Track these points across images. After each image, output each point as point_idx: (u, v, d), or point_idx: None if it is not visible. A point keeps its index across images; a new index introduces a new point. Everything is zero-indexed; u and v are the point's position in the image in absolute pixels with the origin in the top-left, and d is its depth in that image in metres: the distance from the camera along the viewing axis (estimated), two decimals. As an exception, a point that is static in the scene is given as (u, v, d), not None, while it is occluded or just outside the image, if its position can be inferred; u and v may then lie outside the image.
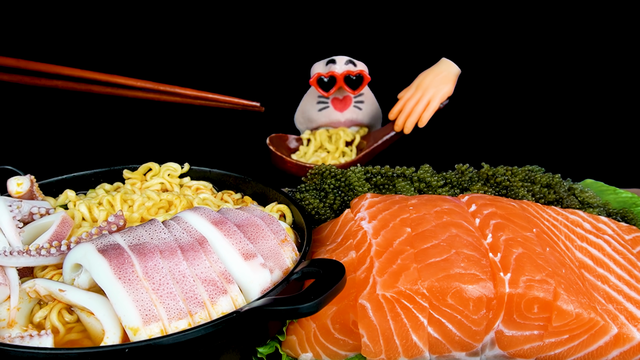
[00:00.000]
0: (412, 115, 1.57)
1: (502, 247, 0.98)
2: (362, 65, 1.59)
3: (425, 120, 1.57)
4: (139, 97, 1.66)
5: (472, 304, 0.90)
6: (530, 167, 1.41)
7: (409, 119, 1.57)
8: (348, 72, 1.56)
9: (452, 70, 1.57)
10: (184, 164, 1.27)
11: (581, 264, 1.04)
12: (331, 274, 0.83)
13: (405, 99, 1.59)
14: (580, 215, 1.16)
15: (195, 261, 0.86)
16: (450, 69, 1.57)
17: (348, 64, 1.56)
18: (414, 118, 1.57)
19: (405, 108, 1.58)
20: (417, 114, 1.57)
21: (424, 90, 1.56)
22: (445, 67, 1.57)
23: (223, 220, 0.94)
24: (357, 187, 1.29)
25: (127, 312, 0.79)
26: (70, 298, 0.84)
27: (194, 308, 0.82)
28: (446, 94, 1.57)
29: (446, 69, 1.57)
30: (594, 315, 0.90)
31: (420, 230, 1.01)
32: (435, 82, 1.56)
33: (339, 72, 1.56)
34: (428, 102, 1.56)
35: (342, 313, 0.93)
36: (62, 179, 1.22)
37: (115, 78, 1.65)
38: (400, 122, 1.58)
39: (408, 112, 1.57)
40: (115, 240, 0.86)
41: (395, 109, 1.60)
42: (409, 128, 1.58)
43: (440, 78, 1.57)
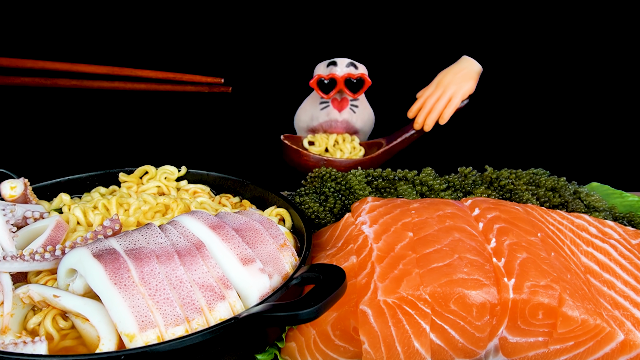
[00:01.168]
0: (432, 112, 1.56)
1: (506, 251, 0.98)
2: (363, 68, 1.59)
3: (447, 118, 1.56)
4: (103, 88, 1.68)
5: (475, 310, 0.90)
6: (534, 170, 1.41)
7: (429, 116, 1.56)
8: (349, 75, 1.56)
9: (474, 68, 1.57)
10: (181, 166, 1.27)
11: (587, 269, 1.04)
12: (331, 279, 0.83)
13: (425, 96, 1.58)
14: (585, 219, 1.17)
15: (193, 266, 0.86)
16: (471, 66, 1.57)
17: (349, 66, 1.57)
18: (435, 115, 1.56)
19: (425, 105, 1.57)
20: (438, 111, 1.56)
21: (445, 87, 1.56)
22: (467, 64, 1.57)
23: (221, 225, 0.94)
24: (357, 190, 1.29)
25: (122, 318, 0.79)
26: (64, 304, 0.84)
27: (191, 314, 0.82)
28: (467, 92, 1.57)
29: (468, 67, 1.57)
30: (600, 322, 0.90)
31: (423, 235, 1.01)
32: (456, 80, 1.56)
33: (339, 75, 1.56)
34: (449, 99, 1.56)
35: (342, 319, 0.93)
36: (56, 182, 1.22)
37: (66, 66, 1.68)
38: (420, 119, 1.58)
39: (428, 110, 1.57)
40: (110, 245, 0.87)
41: (414, 107, 1.60)
42: (429, 125, 1.57)
43: (462, 75, 1.56)
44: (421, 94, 1.60)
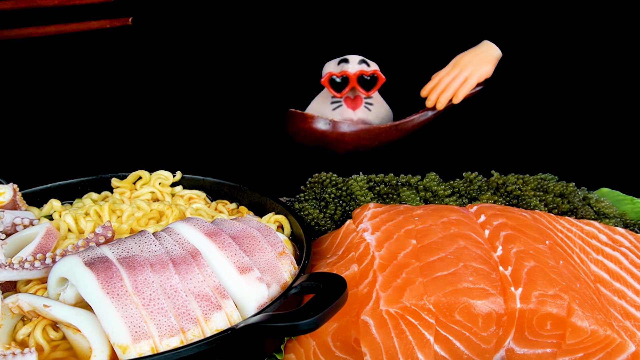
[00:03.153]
0: (446, 90, 1.57)
1: (513, 260, 0.98)
2: (375, 65, 1.59)
3: (461, 97, 1.57)
4: (20, 37, 1.71)
5: (481, 321, 0.90)
6: (542, 175, 1.41)
7: (443, 94, 1.57)
8: (361, 72, 1.56)
9: (493, 52, 1.58)
10: (175, 172, 1.27)
11: (597, 277, 1.04)
12: (332, 288, 0.83)
13: (440, 76, 1.59)
14: (595, 226, 1.17)
15: (188, 275, 0.87)
16: (491, 50, 1.58)
17: (361, 63, 1.57)
18: (449, 93, 1.56)
19: (439, 84, 1.58)
20: (453, 89, 1.56)
21: (462, 67, 1.57)
22: (487, 47, 1.58)
23: (217, 232, 0.94)
24: (359, 196, 1.29)
25: (115, 329, 0.79)
26: (55, 314, 0.84)
27: (187, 324, 0.82)
28: (485, 75, 1.57)
29: (487, 50, 1.58)
30: (611, 332, 0.90)
31: (426, 242, 1.01)
32: (474, 61, 1.57)
33: (351, 72, 1.56)
34: (465, 79, 1.56)
35: (343, 330, 0.93)
36: (46, 188, 1.22)
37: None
38: (433, 97, 1.58)
39: (443, 88, 1.57)
40: (103, 253, 0.87)
41: (428, 85, 1.60)
42: (442, 104, 1.57)
43: (481, 58, 1.57)
44: (437, 74, 1.60)
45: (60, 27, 1.72)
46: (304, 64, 1.67)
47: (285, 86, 1.73)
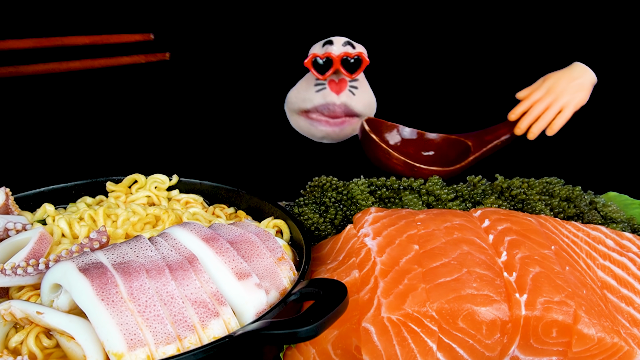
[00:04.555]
0: (541, 120, 1.51)
1: (518, 265, 0.98)
2: (361, 47, 1.58)
3: (556, 129, 1.51)
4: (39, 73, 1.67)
5: (485, 328, 0.90)
6: (548, 179, 1.41)
7: (536, 123, 1.51)
8: (345, 54, 1.55)
9: (589, 78, 1.52)
10: (172, 175, 1.28)
11: (604, 284, 1.04)
12: (332, 295, 0.84)
13: (532, 100, 1.53)
14: (602, 231, 1.17)
15: (185, 281, 0.87)
16: (587, 75, 1.51)
17: (346, 45, 1.56)
18: (543, 124, 1.51)
19: (532, 111, 1.52)
20: (547, 119, 1.51)
21: (558, 95, 1.50)
22: (581, 72, 1.52)
23: (215, 237, 0.94)
24: (360, 200, 1.30)
25: (110, 337, 0.79)
26: (48, 321, 0.84)
27: (183, 332, 0.83)
28: (580, 104, 1.51)
29: (582, 75, 1.51)
30: (618, 340, 0.90)
31: (429, 248, 1.01)
32: (570, 89, 1.51)
33: (335, 54, 1.55)
34: (560, 109, 1.51)
35: (344, 337, 0.93)
36: (39, 192, 1.22)
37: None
38: (523, 125, 1.52)
39: (536, 116, 1.51)
40: (97, 259, 0.87)
41: (518, 109, 1.54)
42: (534, 134, 1.52)
43: (577, 84, 1.51)
44: (526, 96, 1.54)
45: (86, 63, 1.68)
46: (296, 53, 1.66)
47: (284, 86, 1.73)
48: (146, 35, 1.68)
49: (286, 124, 1.70)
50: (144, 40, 1.69)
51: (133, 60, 1.69)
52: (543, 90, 1.52)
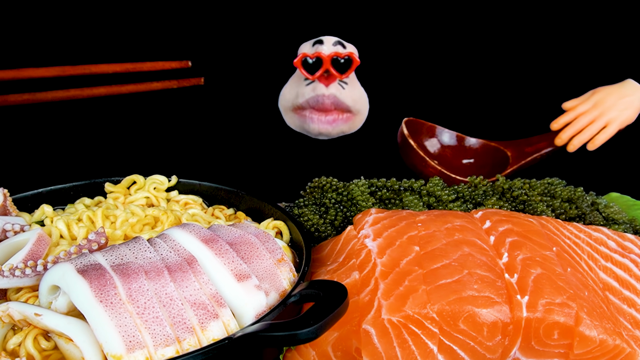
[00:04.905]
0: (583, 133, 1.49)
1: (519, 267, 0.98)
2: (352, 47, 1.58)
3: (598, 144, 1.50)
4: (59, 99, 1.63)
5: (486, 330, 0.90)
6: (549, 179, 1.41)
7: (578, 136, 1.50)
8: (336, 54, 1.55)
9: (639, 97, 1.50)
10: (171, 176, 1.28)
11: (605, 285, 1.04)
12: (332, 296, 0.84)
13: (578, 112, 1.51)
14: (604, 232, 1.17)
15: (184, 283, 0.87)
16: (637, 94, 1.50)
17: (336, 45, 1.56)
18: (586, 137, 1.49)
19: (576, 123, 1.50)
20: (591, 133, 1.49)
21: (605, 109, 1.49)
22: (633, 90, 1.50)
23: (214, 238, 0.94)
24: (360, 201, 1.30)
25: (109, 339, 0.79)
26: (47, 323, 0.84)
27: (183, 334, 0.83)
28: (627, 122, 1.50)
29: (633, 93, 1.50)
30: (620, 342, 0.90)
31: (430, 249, 1.01)
32: (619, 105, 1.49)
33: (325, 54, 1.55)
34: (605, 124, 1.49)
35: (344, 339, 0.93)
36: (38, 193, 1.22)
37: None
38: (565, 136, 1.51)
39: (579, 129, 1.50)
40: (96, 260, 0.87)
41: (562, 119, 1.52)
42: (575, 146, 1.51)
43: (626, 102, 1.49)
44: (572, 107, 1.53)
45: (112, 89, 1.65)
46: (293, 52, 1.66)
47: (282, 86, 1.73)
48: (184, 63, 1.64)
49: (286, 125, 1.70)
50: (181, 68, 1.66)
51: (165, 85, 1.66)
52: (590, 103, 1.51)
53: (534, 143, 1.58)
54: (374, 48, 1.65)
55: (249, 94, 1.74)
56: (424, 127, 1.61)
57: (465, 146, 1.63)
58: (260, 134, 1.72)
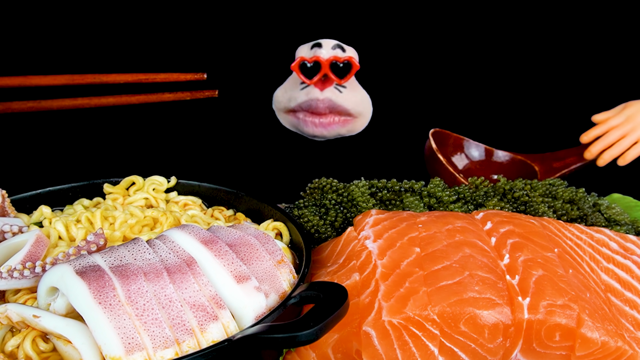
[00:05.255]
0: (615, 147, 1.48)
1: (521, 268, 0.98)
2: (352, 51, 1.55)
3: (629, 160, 1.48)
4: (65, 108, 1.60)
5: (487, 332, 0.90)
6: (551, 180, 1.41)
7: (609, 150, 1.49)
8: (335, 58, 1.52)
9: None
10: (170, 177, 1.28)
11: (607, 287, 1.04)
12: (332, 298, 0.84)
13: (609, 125, 1.49)
14: (606, 233, 1.17)
15: (183, 284, 0.87)
16: None
17: (336, 48, 1.53)
18: (617, 151, 1.48)
19: (607, 137, 1.49)
20: (622, 148, 1.47)
21: (637, 124, 1.47)
22: None
23: (213, 240, 0.94)
24: (360, 202, 1.30)
25: (108, 340, 0.79)
26: (45, 325, 0.84)
27: (182, 336, 0.83)
28: None
29: None
30: (622, 344, 0.90)
31: (431, 251, 1.01)
32: None
33: (324, 58, 1.52)
34: (637, 140, 1.48)
35: (344, 341, 0.93)
36: (36, 194, 1.22)
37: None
38: (595, 150, 1.49)
39: (610, 143, 1.48)
40: (95, 262, 0.87)
41: (592, 132, 1.51)
42: (605, 160, 1.49)
43: None
44: (602, 120, 1.52)
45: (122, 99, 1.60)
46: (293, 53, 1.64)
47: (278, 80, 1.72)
48: (199, 75, 1.60)
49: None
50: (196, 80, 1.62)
51: (177, 97, 1.62)
52: (622, 117, 1.49)
53: (562, 157, 1.57)
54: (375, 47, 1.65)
55: (248, 95, 1.74)
56: (450, 138, 1.58)
57: (493, 161, 1.61)
58: (259, 134, 1.72)
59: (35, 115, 1.77)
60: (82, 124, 1.81)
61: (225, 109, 1.76)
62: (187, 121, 1.80)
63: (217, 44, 1.72)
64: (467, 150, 1.62)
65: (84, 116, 1.80)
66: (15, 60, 1.70)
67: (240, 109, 1.76)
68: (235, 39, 1.72)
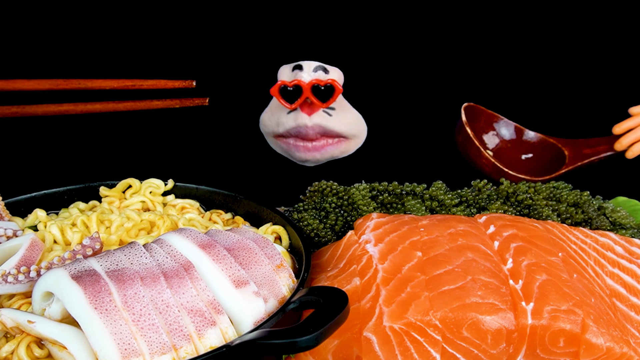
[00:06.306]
0: None
1: (524, 273, 0.98)
2: (336, 72, 1.50)
3: None
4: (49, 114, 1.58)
5: (490, 337, 0.90)
6: (555, 183, 1.42)
7: (639, 143, 1.48)
8: (316, 82, 1.45)
9: None
10: (167, 180, 1.28)
11: (612, 292, 1.04)
12: (332, 303, 0.84)
13: None
14: (611, 237, 1.17)
15: (181, 289, 0.87)
16: None
17: (317, 70, 1.47)
18: None
19: (639, 129, 1.48)
20: None
21: None
22: None
23: (211, 243, 0.94)
24: (361, 206, 1.30)
25: (104, 346, 0.79)
26: (40, 330, 0.84)
27: (179, 341, 0.83)
28: None
29: None
30: (627, 350, 0.90)
31: (432, 255, 1.01)
32: None
33: (305, 82, 1.45)
34: None
35: (344, 347, 0.93)
36: (31, 197, 1.23)
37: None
38: (626, 142, 1.49)
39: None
40: (90, 266, 0.87)
41: (625, 124, 1.50)
42: (634, 153, 1.49)
43: None
44: (638, 113, 1.51)
45: (108, 106, 1.58)
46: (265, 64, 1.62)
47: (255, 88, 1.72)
48: (188, 82, 1.57)
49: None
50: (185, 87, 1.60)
51: (166, 104, 1.60)
52: None
53: (593, 145, 1.56)
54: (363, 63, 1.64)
55: (248, 95, 1.74)
56: (483, 114, 1.58)
57: (524, 141, 1.62)
58: (258, 136, 1.72)
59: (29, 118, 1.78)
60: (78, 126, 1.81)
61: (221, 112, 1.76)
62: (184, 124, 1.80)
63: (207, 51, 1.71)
64: (498, 129, 1.62)
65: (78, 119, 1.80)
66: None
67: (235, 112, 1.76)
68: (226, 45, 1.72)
